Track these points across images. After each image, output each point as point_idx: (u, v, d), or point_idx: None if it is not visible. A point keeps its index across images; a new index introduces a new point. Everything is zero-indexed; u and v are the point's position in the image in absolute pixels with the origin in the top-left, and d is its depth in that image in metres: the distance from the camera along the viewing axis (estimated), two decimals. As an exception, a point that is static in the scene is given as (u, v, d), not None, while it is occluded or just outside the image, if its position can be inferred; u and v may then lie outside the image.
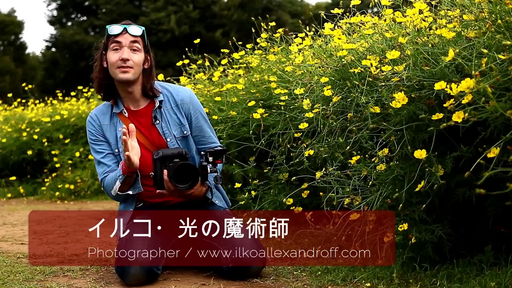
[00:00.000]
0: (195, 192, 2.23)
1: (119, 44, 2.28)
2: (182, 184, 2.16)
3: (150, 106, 2.37)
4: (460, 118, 1.58)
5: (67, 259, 2.64)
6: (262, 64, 3.52)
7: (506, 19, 1.76)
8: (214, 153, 2.22)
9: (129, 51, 2.28)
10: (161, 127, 2.34)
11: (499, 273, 1.80)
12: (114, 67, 2.28)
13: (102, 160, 2.36)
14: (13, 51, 25.19)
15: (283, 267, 2.36)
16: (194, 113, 2.39)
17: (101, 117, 2.39)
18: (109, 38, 2.30)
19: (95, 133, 2.38)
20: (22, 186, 6.62)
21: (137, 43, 2.30)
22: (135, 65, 2.28)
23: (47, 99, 7.68)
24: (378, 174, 2.05)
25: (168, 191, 2.21)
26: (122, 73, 2.27)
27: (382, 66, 2.05)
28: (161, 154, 2.23)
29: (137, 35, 2.30)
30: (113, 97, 2.38)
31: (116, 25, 2.31)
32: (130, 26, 2.30)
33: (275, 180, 3.05)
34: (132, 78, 2.29)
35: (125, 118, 2.35)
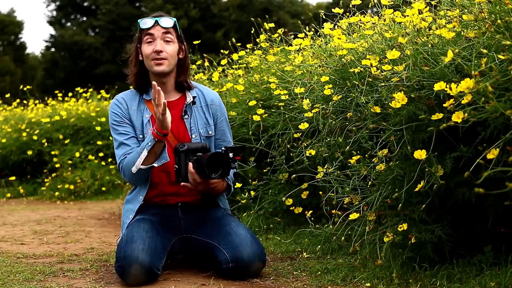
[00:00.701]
0: (218, 185, 2.25)
1: (152, 37, 2.31)
2: (215, 173, 2.17)
3: (181, 100, 2.40)
4: (460, 118, 1.59)
5: (67, 259, 2.64)
6: (261, 64, 3.52)
7: (506, 19, 1.76)
8: (234, 150, 2.25)
9: (162, 42, 2.31)
10: (189, 123, 2.37)
11: (499, 273, 1.80)
12: (148, 59, 2.32)
13: (125, 142, 2.33)
14: (12, 51, 25.19)
15: (283, 267, 2.36)
16: (220, 116, 2.44)
17: (129, 101, 2.39)
18: (142, 31, 2.34)
19: (120, 115, 2.36)
20: (22, 186, 6.62)
21: (169, 34, 2.33)
22: (169, 56, 2.32)
23: (47, 99, 7.69)
24: (378, 174, 2.06)
25: (193, 183, 2.21)
26: (157, 65, 2.31)
27: (382, 66, 2.05)
28: (186, 147, 2.24)
29: (169, 27, 2.32)
30: (148, 89, 2.39)
31: (147, 19, 2.34)
32: (161, 18, 2.33)
33: (274, 180, 3.05)
34: (167, 69, 2.33)
35: (153, 107, 2.35)
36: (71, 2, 24.98)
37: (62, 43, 24.11)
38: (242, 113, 3.28)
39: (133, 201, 2.38)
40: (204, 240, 2.30)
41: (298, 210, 2.74)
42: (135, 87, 2.42)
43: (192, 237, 2.35)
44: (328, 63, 2.53)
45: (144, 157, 2.22)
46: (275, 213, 3.18)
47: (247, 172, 3.24)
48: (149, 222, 2.29)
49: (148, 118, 2.36)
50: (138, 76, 2.39)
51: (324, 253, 2.55)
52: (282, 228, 3.12)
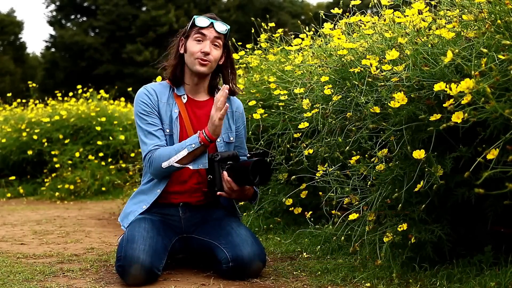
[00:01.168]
0: (248, 191, 2.28)
1: (203, 37, 2.32)
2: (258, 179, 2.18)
3: (210, 101, 2.40)
4: (460, 118, 1.59)
5: (67, 259, 2.64)
6: (261, 64, 3.52)
7: (506, 19, 1.76)
8: (257, 155, 2.27)
9: (211, 45, 2.32)
10: None
11: (499, 273, 1.80)
12: (193, 57, 2.32)
13: (154, 132, 2.30)
14: (12, 51, 25.20)
15: (283, 267, 2.36)
16: (242, 124, 2.48)
17: (160, 93, 2.38)
18: (194, 28, 2.34)
19: (150, 106, 2.34)
20: (22, 186, 6.62)
21: (219, 40, 2.35)
22: (213, 60, 2.34)
23: (47, 99, 7.68)
24: (378, 174, 2.06)
25: (228, 192, 2.23)
26: (200, 65, 2.32)
27: (382, 66, 2.05)
28: (219, 156, 2.25)
29: (222, 33, 2.34)
30: (180, 83, 2.39)
31: (203, 18, 2.35)
32: (217, 22, 2.34)
33: (274, 180, 3.05)
34: (208, 72, 2.35)
35: (182, 103, 2.37)
36: (71, 3, 24.98)
37: (62, 43, 24.12)
38: (242, 113, 3.28)
39: (149, 193, 2.35)
40: (204, 240, 2.30)
41: (297, 211, 2.74)
42: (171, 77, 2.39)
43: (193, 236, 2.35)
44: (328, 63, 2.53)
45: (182, 157, 2.21)
46: (275, 213, 3.18)
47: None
48: (150, 221, 2.29)
49: (177, 114, 2.35)
50: (176, 69, 2.38)
51: (324, 253, 2.55)
52: (282, 228, 3.12)
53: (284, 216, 3.16)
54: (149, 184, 2.37)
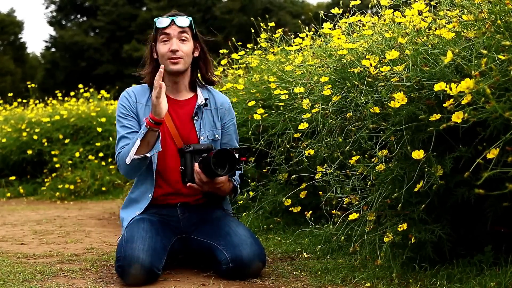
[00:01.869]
0: (224, 186, 2.25)
1: (168, 36, 2.32)
2: (221, 169, 2.17)
3: (192, 100, 2.40)
4: (460, 118, 1.59)
5: (67, 259, 2.64)
6: (261, 64, 3.52)
7: (506, 19, 1.76)
8: (239, 150, 2.25)
9: (178, 41, 2.32)
10: (199, 124, 2.37)
11: (499, 273, 1.80)
12: (164, 58, 2.32)
13: (126, 135, 2.31)
14: (12, 51, 25.19)
15: (283, 267, 2.36)
16: (228, 121, 2.45)
17: (138, 95, 2.39)
18: (158, 30, 2.34)
19: (128, 108, 2.36)
20: (22, 186, 6.62)
21: (185, 33, 2.33)
22: (185, 55, 2.32)
23: (47, 99, 7.68)
24: (378, 174, 2.06)
25: (199, 184, 2.21)
26: (173, 64, 2.31)
27: (382, 66, 2.05)
28: (192, 148, 2.25)
29: (185, 26, 2.33)
30: None
31: (163, 18, 2.34)
32: (177, 18, 2.33)
33: (274, 180, 3.05)
34: (183, 68, 2.34)
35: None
36: (70, 3, 24.98)
37: (62, 44, 24.12)
38: (242, 113, 3.28)
39: (140, 200, 2.37)
40: (203, 241, 2.29)
41: (296, 209, 2.74)
42: (150, 84, 2.40)
43: (192, 237, 2.35)
44: (328, 63, 2.53)
45: (137, 147, 2.19)
46: (275, 213, 3.18)
47: (247, 172, 3.24)
48: (149, 222, 2.29)
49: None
50: (153, 74, 2.37)
51: (324, 253, 2.55)
52: (282, 228, 3.12)
53: (284, 216, 3.16)
54: (137, 191, 2.39)
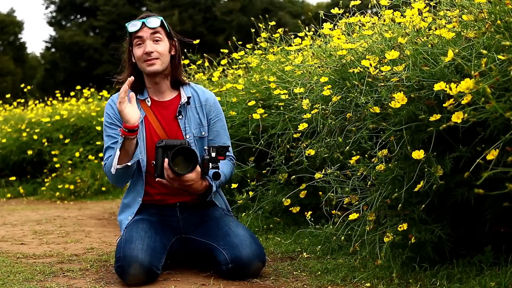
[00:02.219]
0: (195, 184, 2.20)
1: (141, 39, 2.32)
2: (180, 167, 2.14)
3: (176, 99, 2.41)
4: (460, 118, 1.59)
5: (67, 259, 2.64)
6: (261, 64, 3.52)
7: (506, 20, 1.76)
8: (217, 149, 2.22)
9: (152, 43, 2.32)
10: (183, 123, 2.37)
11: (499, 273, 1.80)
12: (140, 61, 2.33)
13: (111, 145, 2.33)
14: (12, 51, 25.19)
15: (283, 267, 2.36)
16: (215, 116, 2.43)
17: None
18: (131, 35, 2.35)
19: (112, 116, 2.37)
20: (22, 186, 6.62)
21: (158, 33, 2.33)
22: (161, 55, 2.32)
23: (47, 99, 7.68)
24: (378, 174, 2.05)
25: (167, 180, 2.18)
26: (149, 66, 2.32)
27: (382, 66, 2.05)
28: (163, 143, 2.22)
29: (156, 26, 2.32)
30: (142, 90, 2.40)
31: (134, 22, 2.34)
32: (148, 19, 2.33)
33: (274, 180, 3.05)
34: (160, 68, 2.34)
35: (147, 107, 2.37)
36: (70, 3, 24.98)
37: (61, 44, 24.12)
38: (242, 113, 3.28)
39: (132, 205, 2.39)
40: (203, 241, 2.29)
41: (296, 209, 2.74)
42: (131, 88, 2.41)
43: (191, 237, 2.35)
44: (327, 63, 2.53)
45: (118, 156, 2.19)
46: (275, 213, 3.18)
47: (246, 172, 3.24)
48: (148, 222, 2.29)
49: (142, 118, 2.35)
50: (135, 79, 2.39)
51: (324, 253, 2.55)
52: (282, 228, 3.12)
53: (283, 216, 3.16)
54: (129, 197, 2.40)
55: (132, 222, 2.30)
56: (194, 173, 2.17)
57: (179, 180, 2.17)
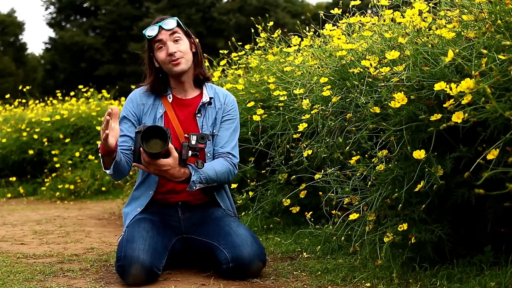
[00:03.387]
0: (171, 170, 2.16)
1: (161, 42, 2.34)
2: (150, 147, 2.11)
3: (198, 98, 2.42)
4: (460, 118, 1.59)
5: (67, 259, 2.64)
6: (261, 64, 3.52)
7: (506, 19, 1.76)
8: (197, 136, 2.21)
9: (173, 43, 2.34)
10: (201, 121, 2.38)
11: (499, 273, 1.80)
12: (166, 64, 2.35)
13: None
14: (13, 52, 25.19)
15: (283, 267, 2.36)
16: (227, 115, 2.43)
17: (145, 96, 2.42)
18: (150, 40, 2.37)
19: (128, 109, 2.40)
20: (22, 186, 6.62)
21: (176, 33, 2.35)
22: (184, 53, 2.35)
23: (47, 99, 7.69)
24: (378, 174, 2.05)
25: (144, 164, 2.18)
26: (176, 66, 2.34)
27: (382, 66, 2.05)
28: (143, 128, 2.18)
29: (173, 27, 2.34)
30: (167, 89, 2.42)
31: (151, 27, 2.37)
32: (164, 22, 2.35)
33: (274, 180, 3.05)
34: (186, 67, 2.36)
35: (168, 103, 2.39)
36: (71, 4, 24.97)
37: (62, 45, 24.11)
38: (242, 113, 3.28)
39: (142, 197, 2.38)
40: (204, 241, 2.29)
41: (295, 210, 2.74)
42: (153, 91, 2.42)
43: (193, 237, 2.35)
44: (327, 63, 2.53)
45: (102, 163, 2.24)
46: (275, 213, 3.18)
47: (246, 172, 3.24)
48: (150, 221, 2.29)
49: (162, 113, 2.38)
50: (157, 83, 2.41)
51: (324, 253, 2.55)
52: (282, 228, 3.12)
53: (284, 216, 3.16)
54: (140, 189, 2.40)
55: (134, 222, 2.30)
56: (171, 159, 2.15)
57: (155, 164, 2.15)
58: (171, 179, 2.22)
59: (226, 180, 2.36)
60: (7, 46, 25.55)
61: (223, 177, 2.32)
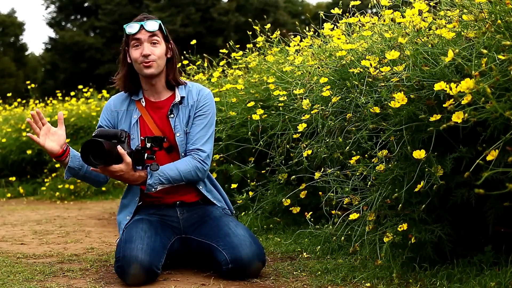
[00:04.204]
0: (125, 174, 2.18)
1: (139, 41, 2.33)
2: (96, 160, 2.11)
3: (170, 99, 2.41)
4: (460, 118, 1.58)
5: (67, 259, 2.64)
6: (261, 64, 3.52)
7: (506, 19, 1.76)
8: (152, 139, 2.23)
9: (149, 45, 2.33)
10: (174, 121, 2.37)
11: (499, 273, 1.80)
12: (137, 63, 2.34)
13: None
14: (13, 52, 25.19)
15: (283, 267, 2.36)
16: (199, 111, 2.39)
17: (118, 103, 2.43)
18: (128, 36, 2.36)
19: (102, 119, 2.43)
20: (22, 186, 6.62)
21: (155, 36, 2.34)
22: (158, 58, 2.33)
23: (47, 99, 7.68)
24: (378, 174, 2.05)
25: (100, 170, 2.18)
26: (146, 68, 2.32)
27: (381, 66, 2.05)
28: (97, 132, 2.21)
29: (155, 30, 2.34)
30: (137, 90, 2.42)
31: (132, 24, 2.35)
32: (146, 22, 2.33)
33: (273, 180, 3.05)
34: (156, 71, 2.34)
35: (142, 107, 2.39)
36: (71, 3, 24.97)
37: (62, 44, 24.11)
38: (242, 113, 3.28)
39: (130, 204, 2.40)
40: (203, 241, 2.29)
41: (296, 210, 2.74)
42: (124, 90, 2.43)
43: (191, 237, 2.35)
44: (327, 63, 2.53)
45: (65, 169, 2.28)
46: (275, 213, 3.18)
47: (246, 172, 3.24)
48: (148, 222, 2.29)
49: (136, 118, 2.38)
50: (127, 79, 2.41)
51: (324, 253, 2.55)
52: (282, 228, 3.12)
53: (283, 216, 3.16)
54: (127, 197, 2.43)
55: (132, 222, 2.30)
56: (123, 164, 2.16)
57: (108, 170, 2.16)
58: (127, 183, 2.29)
59: (195, 178, 2.32)
60: (7, 47, 25.55)
61: (189, 176, 2.30)
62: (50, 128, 2.23)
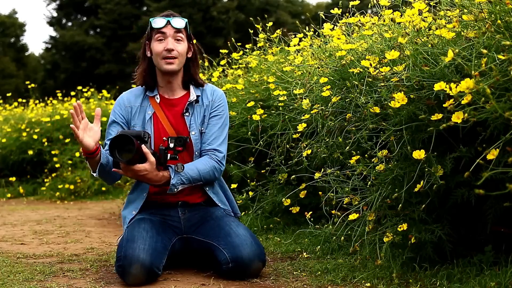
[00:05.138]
0: (149, 174, 2.18)
1: (164, 35, 2.33)
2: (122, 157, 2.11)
3: (185, 97, 2.41)
4: (460, 118, 1.58)
5: (67, 259, 2.64)
6: (261, 64, 3.52)
7: (506, 19, 1.76)
8: (175, 139, 2.23)
9: (173, 41, 2.33)
10: (189, 120, 2.38)
11: (499, 273, 1.80)
12: (159, 57, 2.33)
13: (107, 142, 2.35)
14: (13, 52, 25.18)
15: (283, 267, 2.36)
16: (215, 111, 2.41)
17: (132, 99, 2.42)
18: (153, 30, 2.36)
19: (117, 113, 2.40)
20: (22, 186, 6.62)
21: (180, 33, 2.35)
22: (180, 55, 2.34)
23: (47, 99, 7.69)
24: (378, 174, 2.05)
25: (122, 170, 2.18)
26: (167, 64, 2.33)
27: (381, 66, 2.05)
28: (120, 133, 2.19)
29: (181, 27, 2.34)
30: (154, 86, 2.41)
31: (159, 18, 2.36)
32: (173, 19, 2.34)
33: (273, 180, 3.05)
34: (177, 68, 2.35)
35: (156, 104, 2.39)
36: (71, 2, 24.97)
37: (62, 44, 24.10)
38: (242, 113, 3.28)
39: (137, 199, 2.39)
40: (204, 241, 2.29)
41: (296, 210, 2.74)
42: (143, 84, 2.42)
43: (192, 237, 2.35)
44: (327, 63, 2.53)
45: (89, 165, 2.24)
46: (275, 213, 3.18)
47: (246, 172, 3.24)
48: (150, 222, 2.29)
49: (151, 115, 2.37)
50: (146, 73, 2.40)
51: (324, 253, 2.55)
52: (282, 228, 3.12)
53: (283, 216, 3.16)
54: (134, 192, 2.42)
55: (134, 222, 2.30)
56: (147, 164, 2.16)
57: (131, 169, 2.16)
58: (150, 183, 2.26)
59: (212, 178, 2.35)
60: (7, 47, 25.54)
61: (207, 176, 2.32)
62: (88, 123, 2.18)
